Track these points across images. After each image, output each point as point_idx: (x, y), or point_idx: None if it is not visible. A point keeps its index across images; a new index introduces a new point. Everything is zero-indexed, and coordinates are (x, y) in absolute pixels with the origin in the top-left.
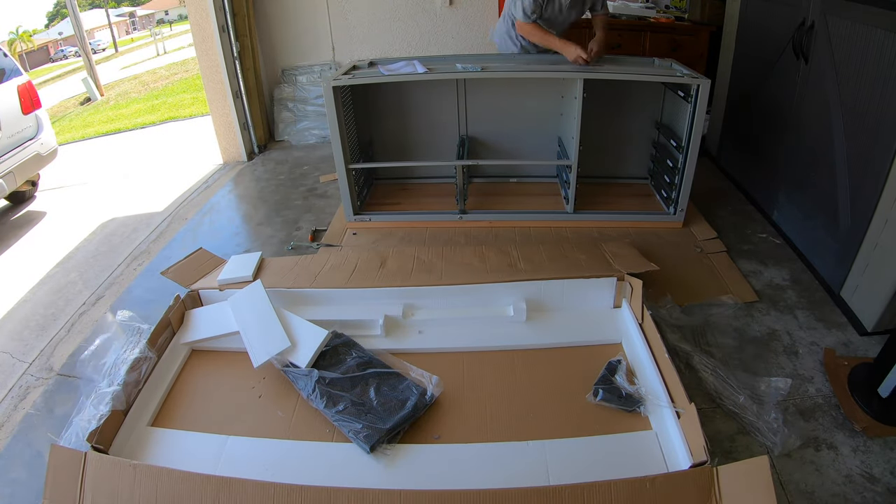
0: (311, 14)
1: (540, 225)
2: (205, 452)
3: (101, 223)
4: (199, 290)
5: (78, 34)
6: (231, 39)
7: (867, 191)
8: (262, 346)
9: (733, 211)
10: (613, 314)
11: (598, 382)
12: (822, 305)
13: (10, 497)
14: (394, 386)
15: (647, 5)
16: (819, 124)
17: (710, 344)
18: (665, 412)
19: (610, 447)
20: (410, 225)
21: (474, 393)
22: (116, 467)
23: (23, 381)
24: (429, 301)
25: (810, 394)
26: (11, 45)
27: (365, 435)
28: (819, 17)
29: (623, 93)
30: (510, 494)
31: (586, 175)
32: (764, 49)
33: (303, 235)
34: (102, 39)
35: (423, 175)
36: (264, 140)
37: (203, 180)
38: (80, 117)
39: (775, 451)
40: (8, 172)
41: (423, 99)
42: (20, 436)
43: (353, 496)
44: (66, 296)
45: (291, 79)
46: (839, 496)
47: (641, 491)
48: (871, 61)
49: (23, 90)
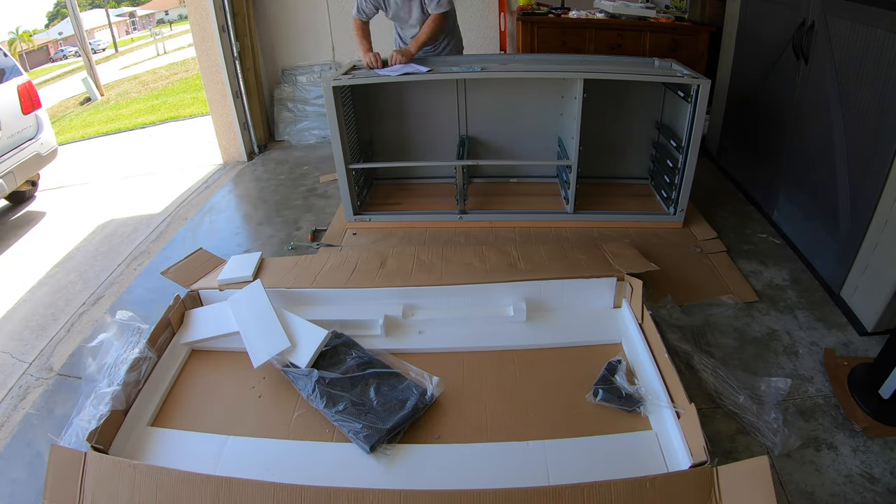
0: (311, 14)
1: (540, 225)
2: (205, 452)
3: (100, 223)
4: (199, 290)
5: (78, 34)
6: (231, 39)
7: (867, 191)
8: (262, 346)
9: (733, 211)
10: (613, 314)
11: (598, 382)
12: (822, 305)
13: (10, 497)
14: (394, 386)
15: (647, 5)
16: (819, 124)
17: (710, 344)
18: (665, 412)
19: (610, 447)
20: (410, 225)
21: (474, 393)
22: (116, 467)
23: (23, 381)
24: (429, 301)
25: (810, 394)
26: (11, 45)
27: (365, 435)
28: (819, 17)
29: (623, 93)
30: (510, 494)
31: (586, 175)
32: (764, 49)
33: (303, 235)
34: (102, 39)
35: (423, 175)
36: (264, 140)
37: (203, 180)
38: (80, 117)
39: (775, 451)
40: (8, 172)
41: (423, 99)
42: (20, 436)
43: (353, 496)
44: (65, 296)
45: (291, 79)
46: (839, 496)
47: (641, 491)
48: (871, 61)
49: (23, 90)
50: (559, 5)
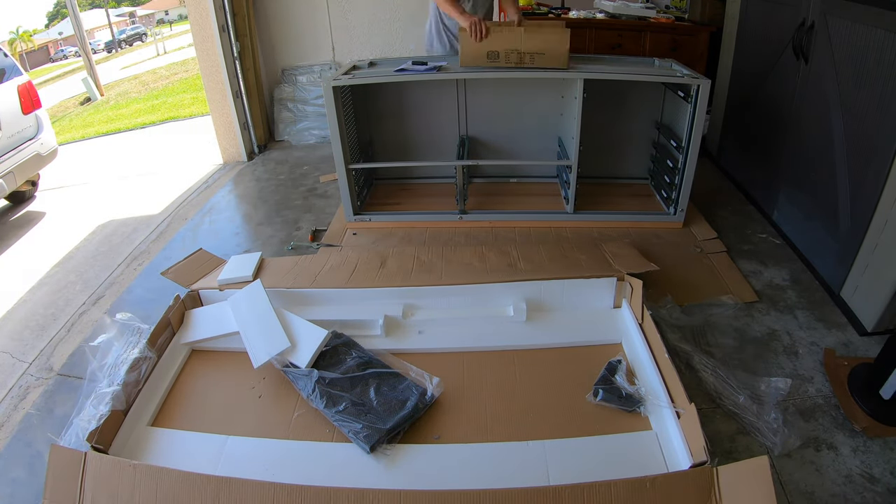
0: (311, 14)
1: (540, 225)
2: (205, 452)
3: (100, 223)
4: (199, 290)
5: (78, 34)
6: (231, 39)
7: (867, 191)
8: (262, 346)
9: (733, 211)
10: (613, 314)
11: (598, 382)
12: (822, 305)
13: (10, 497)
14: (394, 386)
15: (647, 5)
16: (819, 124)
17: (710, 344)
18: (665, 412)
19: (610, 447)
20: (410, 225)
21: (474, 393)
22: (116, 467)
23: (23, 381)
24: (429, 301)
25: (810, 394)
26: (12, 45)
27: (365, 435)
28: (819, 17)
29: (623, 93)
30: (510, 494)
31: (586, 175)
32: (764, 49)
33: (303, 235)
34: (102, 39)
35: (423, 175)
36: (264, 140)
37: (203, 180)
38: (80, 117)
39: (775, 451)
40: (8, 172)
41: (423, 99)
42: (20, 436)
43: (353, 496)
44: (65, 296)
45: (291, 79)
46: (839, 496)
47: (641, 491)
48: (871, 61)
49: (23, 90)
50: (559, 5)
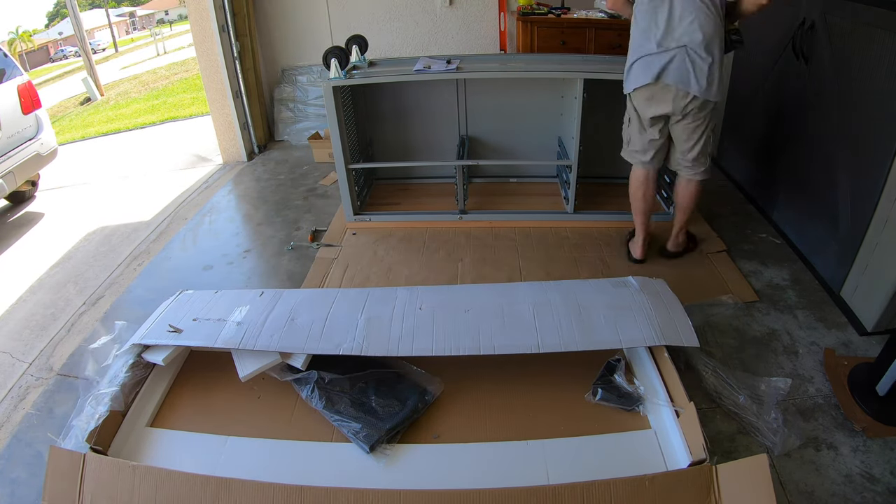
0: (311, 14)
1: (540, 225)
2: (204, 453)
3: (100, 223)
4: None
5: (78, 34)
6: (231, 39)
7: (867, 191)
8: (250, 357)
9: (733, 211)
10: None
11: (597, 381)
12: (822, 305)
13: (10, 497)
14: (393, 386)
15: None
16: (819, 125)
17: (710, 344)
18: (664, 411)
19: (609, 446)
20: (410, 225)
21: (474, 393)
22: (116, 468)
23: (23, 381)
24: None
25: (810, 394)
26: (11, 45)
27: (365, 435)
28: (819, 17)
29: (623, 93)
30: (510, 494)
31: (586, 175)
32: (764, 49)
33: (303, 235)
34: (102, 39)
35: (423, 175)
36: (264, 140)
37: (203, 180)
38: (80, 117)
39: (775, 451)
40: (8, 172)
41: (423, 99)
42: (20, 436)
43: (353, 496)
44: (65, 296)
45: (291, 79)
46: (839, 496)
47: (641, 490)
48: (871, 61)
49: (23, 90)
50: (559, 5)
